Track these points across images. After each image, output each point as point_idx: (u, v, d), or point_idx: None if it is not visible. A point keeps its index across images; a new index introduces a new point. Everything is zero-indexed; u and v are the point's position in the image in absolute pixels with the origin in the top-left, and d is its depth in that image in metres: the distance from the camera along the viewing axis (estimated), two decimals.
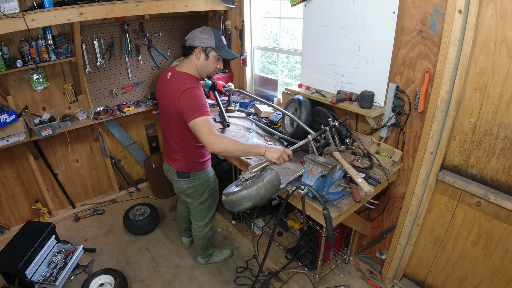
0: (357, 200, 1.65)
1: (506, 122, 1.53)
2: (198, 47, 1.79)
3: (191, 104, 1.68)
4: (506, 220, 1.64)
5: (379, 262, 2.44)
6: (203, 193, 2.08)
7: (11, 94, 2.55)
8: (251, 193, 1.52)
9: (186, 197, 2.14)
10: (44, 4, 2.14)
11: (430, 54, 1.70)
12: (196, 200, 2.10)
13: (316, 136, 1.91)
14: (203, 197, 2.09)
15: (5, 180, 2.80)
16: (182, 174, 1.97)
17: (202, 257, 2.48)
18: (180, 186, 2.04)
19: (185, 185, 2.02)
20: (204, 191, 2.07)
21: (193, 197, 2.09)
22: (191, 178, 1.98)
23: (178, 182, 2.02)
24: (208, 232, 2.30)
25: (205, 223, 2.24)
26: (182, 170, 1.96)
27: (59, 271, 2.30)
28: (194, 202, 2.12)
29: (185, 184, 2.01)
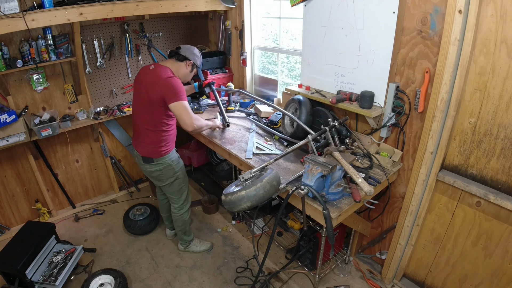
0: (357, 200, 1.65)
1: (506, 122, 1.53)
2: (191, 61, 2.19)
3: (175, 89, 1.97)
4: (506, 220, 1.64)
5: (379, 262, 2.44)
6: (168, 175, 2.25)
7: (11, 94, 2.55)
8: (250, 194, 1.53)
9: (155, 180, 2.34)
10: (44, 4, 2.14)
11: (430, 54, 1.70)
12: (164, 182, 2.28)
13: (316, 136, 1.91)
14: (169, 179, 2.27)
15: (5, 180, 2.80)
16: (147, 159, 2.17)
17: (181, 242, 2.62)
18: (147, 170, 2.24)
19: (151, 169, 2.21)
20: (168, 173, 2.24)
21: (160, 180, 2.28)
22: (154, 162, 2.17)
23: (145, 166, 2.22)
24: (184, 214, 2.44)
25: (180, 204, 2.41)
26: (146, 155, 2.16)
27: (59, 271, 2.30)
28: (163, 185, 2.30)
29: (151, 168, 2.20)
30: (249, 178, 1.67)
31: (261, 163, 2.03)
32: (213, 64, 3.20)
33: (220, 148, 2.33)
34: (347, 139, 2.09)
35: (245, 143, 2.30)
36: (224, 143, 2.32)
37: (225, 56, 3.28)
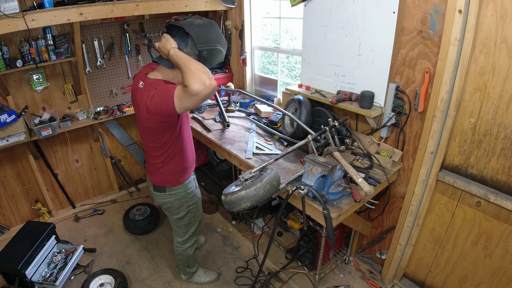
0: (357, 200, 1.65)
1: (506, 122, 1.53)
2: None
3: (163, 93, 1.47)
4: (506, 220, 1.64)
5: (379, 262, 2.44)
6: (179, 209, 1.92)
7: (11, 94, 2.55)
8: (250, 194, 1.53)
9: (164, 211, 2.02)
10: (44, 4, 2.14)
11: (430, 54, 1.70)
12: (172, 215, 1.98)
13: (316, 136, 1.91)
14: (180, 213, 1.94)
15: (5, 180, 2.80)
16: (158, 188, 1.84)
17: (183, 273, 2.35)
18: (158, 200, 1.92)
19: (161, 200, 1.89)
20: (180, 207, 1.92)
21: (169, 212, 1.97)
22: (167, 192, 1.84)
23: (155, 195, 1.91)
24: (188, 249, 2.14)
25: (184, 239, 2.10)
26: (158, 184, 1.83)
27: (59, 271, 2.30)
28: (171, 217, 2.00)
29: (161, 198, 1.88)
30: (249, 178, 1.67)
31: (261, 163, 2.03)
32: None
33: (220, 148, 2.33)
34: (347, 139, 2.09)
35: (245, 143, 2.30)
36: (224, 143, 2.32)
37: (225, 56, 3.28)
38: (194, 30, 1.50)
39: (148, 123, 1.58)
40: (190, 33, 1.49)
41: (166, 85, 1.51)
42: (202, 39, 1.52)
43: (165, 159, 1.73)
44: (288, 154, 1.94)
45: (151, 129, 1.61)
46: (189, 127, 1.84)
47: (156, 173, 1.80)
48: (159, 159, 1.74)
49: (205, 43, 1.53)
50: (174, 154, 1.74)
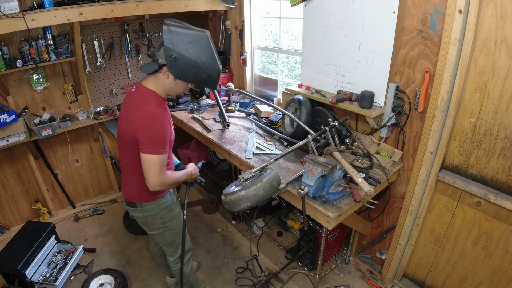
0: (357, 200, 1.65)
1: (506, 122, 1.53)
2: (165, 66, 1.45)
3: (152, 135, 1.44)
4: (506, 220, 1.64)
5: (379, 262, 2.44)
6: (154, 225, 1.76)
7: (11, 94, 2.55)
8: (249, 194, 1.52)
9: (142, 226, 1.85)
10: (44, 4, 2.14)
11: (430, 54, 1.70)
12: (150, 231, 1.83)
13: (316, 136, 1.91)
14: (156, 230, 1.78)
15: (5, 180, 2.80)
16: (129, 203, 1.70)
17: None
18: (132, 214, 1.77)
19: (134, 214, 1.75)
20: (153, 223, 1.75)
21: (146, 227, 1.83)
22: (138, 208, 1.69)
23: (128, 210, 1.76)
24: (184, 267, 1.91)
25: (176, 258, 1.92)
26: (129, 199, 1.69)
27: (59, 271, 2.30)
28: (150, 233, 1.86)
29: (133, 213, 1.74)
30: (249, 178, 1.66)
31: (261, 163, 2.03)
32: None
33: (220, 148, 2.33)
34: (347, 139, 2.09)
35: (245, 143, 2.30)
36: (224, 143, 2.32)
37: (225, 56, 3.28)
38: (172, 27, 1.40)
39: (126, 135, 1.50)
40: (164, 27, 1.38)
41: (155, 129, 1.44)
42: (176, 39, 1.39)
43: (138, 175, 1.56)
44: (288, 154, 1.94)
45: (128, 143, 1.51)
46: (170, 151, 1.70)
47: (127, 186, 1.69)
48: (131, 173, 1.62)
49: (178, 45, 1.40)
50: None
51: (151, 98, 1.49)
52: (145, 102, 1.48)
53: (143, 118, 1.44)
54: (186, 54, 1.41)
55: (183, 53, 1.41)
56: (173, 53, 1.40)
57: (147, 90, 1.51)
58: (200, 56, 1.44)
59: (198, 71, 1.46)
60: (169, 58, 1.41)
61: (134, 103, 1.50)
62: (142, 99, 1.49)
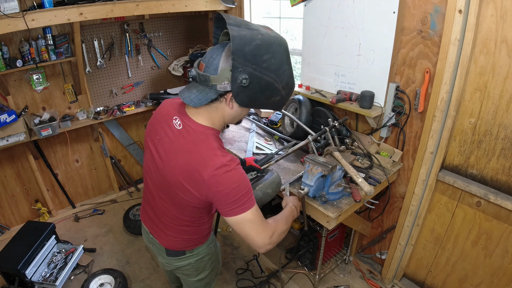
0: (357, 200, 1.65)
1: (506, 122, 1.53)
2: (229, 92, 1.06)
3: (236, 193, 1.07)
4: (506, 220, 1.64)
5: (379, 262, 2.44)
6: (203, 269, 1.47)
7: (11, 94, 2.54)
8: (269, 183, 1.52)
9: (179, 274, 1.52)
10: (44, 4, 2.14)
11: (430, 54, 1.70)
12: (192, 277, 1.48)
13: (316, 136, 1.90)
14: (202, 274, 1.48)
15: (5, 180, 2.80)
16: (176, 252, 1.37)
17: None
18: (172, 264, 1.42)
19: (178, 263, 1.41)
20: (204, 267, 1.47)
21: (187, 275, 1.48)
22: (187, 255, 1.38)
23: (168, 260, 1.40)
24: None
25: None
26: (174, 249, 1.36)
27: (59, 271, 2.30)
28: (190, 279, 1.51)
29: (178, 262, 1.41)
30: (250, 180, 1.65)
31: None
32: None
33: None
34: (347, 139, 2.09)
35: (245, 143, 2.30)
36: (224, 143, 2.32)
37: None
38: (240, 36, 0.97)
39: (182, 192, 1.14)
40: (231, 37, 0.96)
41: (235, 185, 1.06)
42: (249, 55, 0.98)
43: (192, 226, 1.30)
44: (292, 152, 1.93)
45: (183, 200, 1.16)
46: None
47: (172, 237, 1.33)
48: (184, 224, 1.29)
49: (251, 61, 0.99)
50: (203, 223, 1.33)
51: (214, 143, 1.09)
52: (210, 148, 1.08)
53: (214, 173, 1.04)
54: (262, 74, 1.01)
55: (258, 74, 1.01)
56: (246, 75, 0.99)
57: (205, 129, 1.11)
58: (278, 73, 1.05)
59: (272, 93, 1.08)
60: (239, 83, 1.00)
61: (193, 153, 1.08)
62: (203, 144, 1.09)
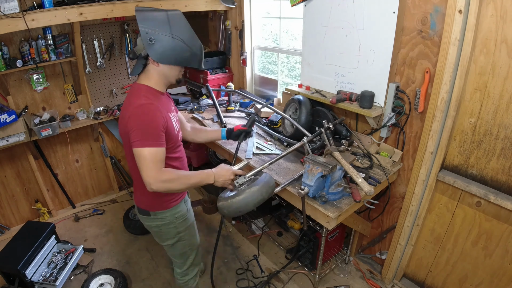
0: (357, 200, 1.65)
1: (506, 122, 1.53)
2: None
3: (141, 126, 1.34)
4: (506, 220, 1.64)
5: (379, 262, 2.44)
6: (167, 235, 1.67)
7: (11, 94, 2.55)
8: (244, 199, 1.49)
9: (154, 236, 1.76)
10: (44, 4, 2.14)
11: (430, 54, 1.70)
12: (162, 242, 1.72)
13: (311, 138, 1.89)
14: (168, 241, 1.68)
15: (5, 180, 2.80)
16: (142, 211, 1.61)
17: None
18: (144, 223, 1.67)
19: (147, 223, 1.66)
20: (168, 233, 1.66)
21: (158, 238, 1.73)
22: (151, 217, 1.60)
23: (141, 218, 1.67)
24: (190, 281, 1.86)
25: (183, 271, 1.83)
26: (141, 207, 1.60)
27: (59, 271, 2.30)
28: (161, 243, 1.74)
29: (147, 222, 1.65)
30: (244, 183, 1.65)
31: (261, 163, 2.03)
32: (213, 64, 3.20)
33: (220, 148, 2.33)
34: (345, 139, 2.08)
35: (245, 143, 2.30)
36: (224, 143, 2.32)
37: (225, 56, 3.28)
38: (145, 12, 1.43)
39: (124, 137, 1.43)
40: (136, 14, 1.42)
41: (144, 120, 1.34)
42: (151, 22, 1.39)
43: None
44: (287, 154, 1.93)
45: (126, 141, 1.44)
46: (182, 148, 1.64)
47: (138, 193, 1.60)
48: (135, 175, 1.51)
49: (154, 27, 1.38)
50: None
51: (141, 92, 1.43)
52: (135, 96, 1.41)
53: (131, 111, 1.36)
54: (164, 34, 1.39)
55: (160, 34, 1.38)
56: (151, 36, 1.37)
57: (139, 85, 1.46)
58: (179, 35, 1.42)
59: (180, 50, 1.43)
60: (148, 43, 1.36)
61: (127, 101, 1.45)
62: (133, 95, 1.44)
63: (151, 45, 1.37)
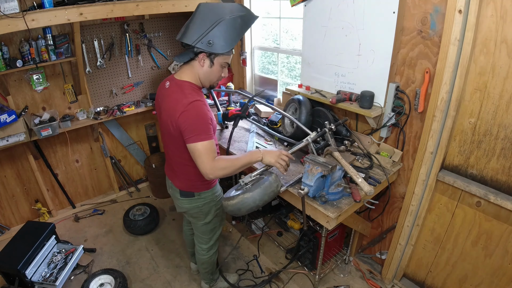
0: (357, 200, 1.65)
1: (506, 122, 1.53)
2: (202, 53, 1.49)
3: (194, 123, 1.46)
4: (506, 220, 1.64)
5: (379, 262, 2.44)
6: (208, 213, 1.85)
7: (11, 94, 2.55)
8: (251, 198, 1.51)
9: (189, 217, 1.93)
10: (44, 4, 2.14)
11: (430, 54, 1.70)
12: (200, 221, 1.88)
13: (316, 137, 1.89)
14: (207, 218, 1.86)
15: (5, 180, 2.80)
16: (186, 193, 1.76)
17: (206, 281, 2.26)
18: (184, 206, 1.82)
19: (188, 205, 1.81)
20: (209, 211, 1.84)
21: (196, 217, 1.87)
22: (195, 197, 1.77)
23: (181, 201, 1.81)
24: (213, 255, 2.07)
25: (210, 245, 2.00)
26: (186, 190, 1.76)
27: (59, 271, 2.30)
28: (198, 223, 1.90)
29: (189, 204, 1.80)
30: (249, 182, 1.65)
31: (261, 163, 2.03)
32: None
33: (220, 148, 2.33)
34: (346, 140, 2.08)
35: (245, 143, 2.30)
36: (224, 143, 2.32)
37: None
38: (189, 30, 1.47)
39: (171, 128, 1.54)
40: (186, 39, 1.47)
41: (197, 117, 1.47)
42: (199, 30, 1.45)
43: (194, 166, 1.57)
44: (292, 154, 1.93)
45: (175, 137, 1.55)
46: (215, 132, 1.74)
47: (182, 178, 1.74)
48: (187, 164, 1.65)
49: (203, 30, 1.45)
50: None
51: (189, 89, 1.52)
52: (184, 93, 1.50)
53: (183, 109, 1.45)
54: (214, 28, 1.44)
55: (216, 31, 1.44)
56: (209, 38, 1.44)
57: (183, 81, 1.55)
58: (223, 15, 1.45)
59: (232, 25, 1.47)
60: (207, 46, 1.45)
61: (174, 96, 1.52)
62: (180, 91, 1.51)
63: (212, 46, 1.46)
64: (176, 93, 1.52)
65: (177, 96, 1.51)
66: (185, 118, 1.45)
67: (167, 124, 1.56)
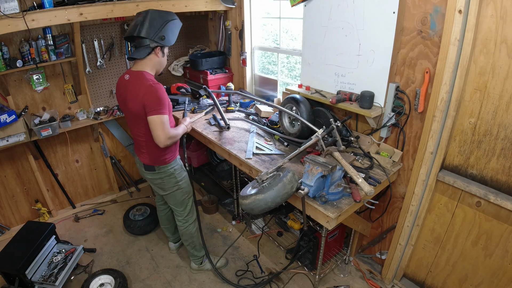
0: (357, 200, 1.65)
1: (506, 122, 1.53)
2: (158, 45, 1.87)
3: (155, 100, 1.79)
4: (506, 220, 1.64)
5: (379, 262, 2.44)
6: (169, 185, 2.15)
7: (11, 94, 2.55)
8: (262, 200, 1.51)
9: (157, 188, 2.23)
10: (44, 4, 2.14)
11: (430, 54, 1.70)
12: (165, 191, 2.18)
13: (325, 133, 1.84)
14: (170, 189, 2.16)
15: (5, 180, 2.80)
16: (148, 167, 2.08)
17: (193, 260, 2.45)
18: (148, 177, 2.16)
19: (151, 177, 2.13)
20: (170, 182, 2.14)
21: (162, 188, 2.18)
22: (156, 171, 2.08)
23: (145, 173, 2.14)
24: (190, 226, 2.31)
25: (184, 217, 2.28)
26: (148, 163, 2.07)
27: (59, 271, 2.30)
28: (165, 194, 2.20)
29: (152, 176, 2.12)
30: (266, 179, 1.64)
31: (261, 163, 2.03)
32: (213, 64, 3.20)
33: (220, 148, 2.33)
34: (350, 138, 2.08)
35: (245, 143, 2.30)
36: (224, 143, 2.32)
37: (225, 56, 3.28)
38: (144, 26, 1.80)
39: (136, 110, 1.85)
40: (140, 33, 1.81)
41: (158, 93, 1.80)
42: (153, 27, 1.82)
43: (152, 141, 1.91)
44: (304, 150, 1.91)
45: (139, 115, 1.86)
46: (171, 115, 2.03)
47: (146, 154, 2.05)
48: (149, 142, 1.96)
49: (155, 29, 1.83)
50: None
51: (147, 76, 1.86)
52: (145, 78, 1.83)
53: (145, 89, 1.79)
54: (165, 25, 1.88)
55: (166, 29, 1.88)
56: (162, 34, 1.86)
57: (142, 71, 1.88)
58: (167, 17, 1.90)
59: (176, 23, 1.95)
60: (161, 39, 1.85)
61: (135, 83, 1.84)
62: (142, 77, 1.84)
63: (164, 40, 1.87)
64: (138, 79, 1.84)
65: (139, 81, 1.83)
66: (148, 96, 1.78)
67: (132, 107, 1.86)
